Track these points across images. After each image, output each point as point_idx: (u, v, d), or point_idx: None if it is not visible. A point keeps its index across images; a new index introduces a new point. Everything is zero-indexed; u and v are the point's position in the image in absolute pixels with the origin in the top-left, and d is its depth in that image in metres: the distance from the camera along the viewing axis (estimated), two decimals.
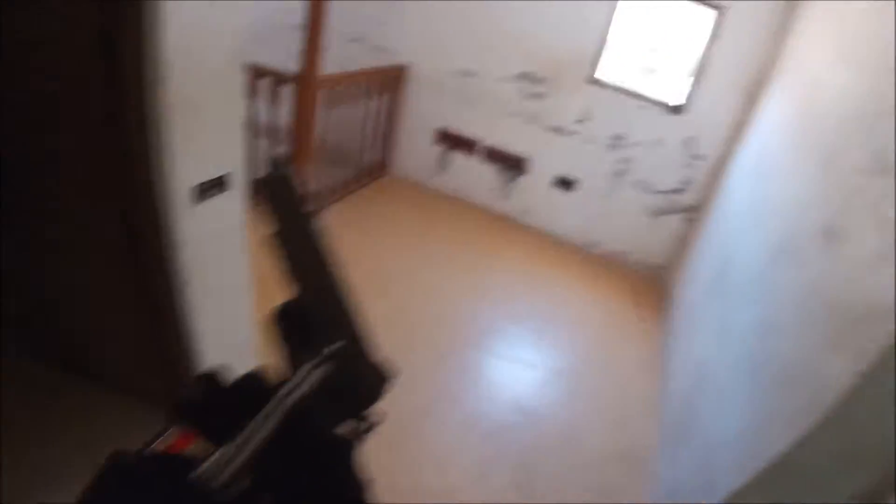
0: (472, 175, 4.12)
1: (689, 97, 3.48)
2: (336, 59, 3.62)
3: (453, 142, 4.03)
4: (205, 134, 1.48)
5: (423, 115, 4.09)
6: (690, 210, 3.67)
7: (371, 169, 4.11)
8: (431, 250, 3.48)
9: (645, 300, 3.59)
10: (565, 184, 3.90)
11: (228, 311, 1.96)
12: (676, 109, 3.51)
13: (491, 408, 2.42)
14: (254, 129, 2.83)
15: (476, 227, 3.91)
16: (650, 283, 3.81)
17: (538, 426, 2.40)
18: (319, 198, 3.49)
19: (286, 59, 3.16)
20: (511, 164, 3.95)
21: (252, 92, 2.76)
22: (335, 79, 3.21)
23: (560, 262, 3.80)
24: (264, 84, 2.93)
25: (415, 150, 4.22)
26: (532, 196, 4.03)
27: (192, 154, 1.46)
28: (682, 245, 3.70)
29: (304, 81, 2.90)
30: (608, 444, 2.40)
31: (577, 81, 3.65)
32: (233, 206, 1.68)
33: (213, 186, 1.58)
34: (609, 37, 3.55)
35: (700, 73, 3.40)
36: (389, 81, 3.88)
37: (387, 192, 4.10)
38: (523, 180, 4.00)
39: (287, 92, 2.96)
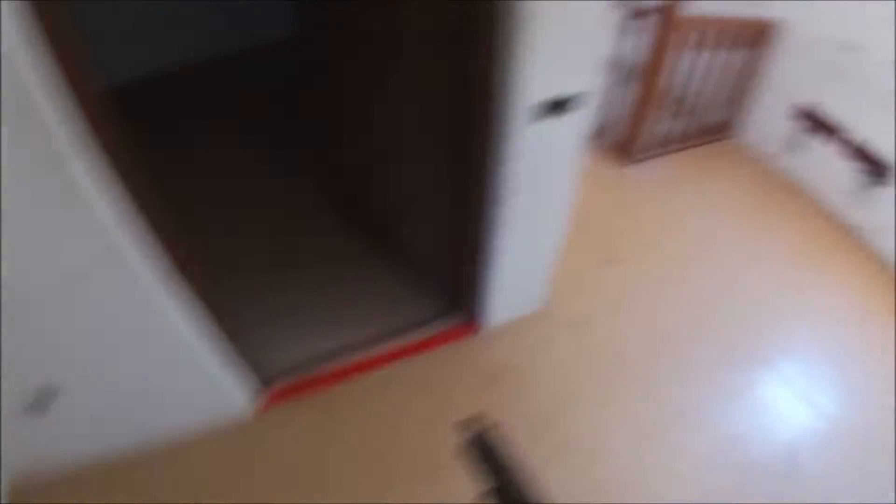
0: (825, 168, 3.22)
1: None
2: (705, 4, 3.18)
3: (812, 123, 3.19)
4: (558, 49, 1.37)
5: (783, 83, 3.36)
6: None
7: (713, 128, 3.69)
8: (751, 241, 3.06)
9: None
10: None
11: (536, 234, 2.01)
12: None
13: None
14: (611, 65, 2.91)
15: (807, 230, 3.15)
16: None
17: None
18: (650, 146, 3.41)
19: None
20: (873, 169, 2.94)
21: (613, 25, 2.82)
22: (694, 22, 2.88)
23: None
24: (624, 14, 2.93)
25: (764, 121, 3.56)
26: (892, 214, 2.92)
27: (539, 69, 1.38)
28: None
29: (666, 17, 2.76)
30: None
31: None
32: (570, 130, 1.61)
33: (557, 106, 1.52)
34: None
35: None
36: (750, 37, 3.26)
37: (723, 160, 3.61)
38: (883, 193, 2.93)
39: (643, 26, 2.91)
